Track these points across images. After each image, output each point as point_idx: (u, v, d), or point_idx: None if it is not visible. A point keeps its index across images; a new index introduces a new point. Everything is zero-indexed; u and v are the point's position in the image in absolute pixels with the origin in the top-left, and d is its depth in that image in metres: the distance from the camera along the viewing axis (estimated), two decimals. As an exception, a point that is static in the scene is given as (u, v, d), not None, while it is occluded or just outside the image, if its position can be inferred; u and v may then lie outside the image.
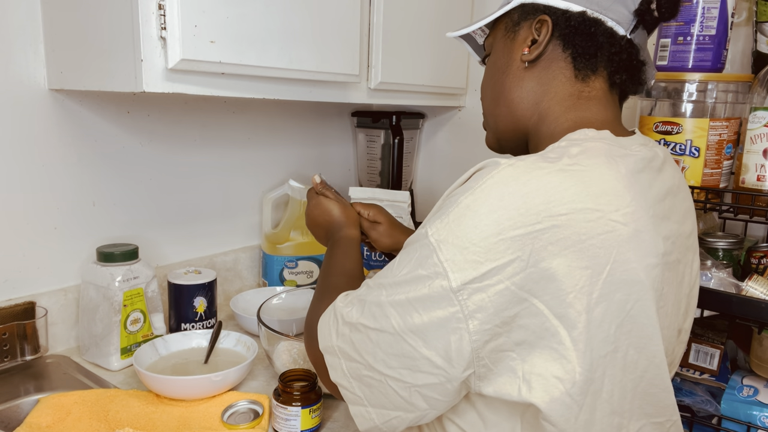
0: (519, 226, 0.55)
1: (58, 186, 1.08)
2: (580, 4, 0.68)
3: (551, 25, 0.69)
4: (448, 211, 0.59)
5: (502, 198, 0.56)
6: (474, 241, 0.56)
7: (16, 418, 0.93)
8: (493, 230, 0.55)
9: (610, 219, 0.57)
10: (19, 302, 1.04)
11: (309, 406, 0.86)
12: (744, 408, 0.99)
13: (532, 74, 0.72)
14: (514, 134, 0.76)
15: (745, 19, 1.13)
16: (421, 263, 0.59)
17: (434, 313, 0.58)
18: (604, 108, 0.70)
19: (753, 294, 0.92)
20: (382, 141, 1.64)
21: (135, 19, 0.81)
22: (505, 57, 0.74)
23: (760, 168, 0.94)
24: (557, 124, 0.69)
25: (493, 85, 0.76)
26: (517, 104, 0.73)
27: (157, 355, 1.03)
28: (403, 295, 0.60)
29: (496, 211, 0.56)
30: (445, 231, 0.58)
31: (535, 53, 0.70)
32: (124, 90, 0.86)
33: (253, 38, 0.94)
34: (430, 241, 0.58)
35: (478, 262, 0.56)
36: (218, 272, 1.29)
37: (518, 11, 0.72)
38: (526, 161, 0.59)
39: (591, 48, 0.68)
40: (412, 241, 0.62)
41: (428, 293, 0.58)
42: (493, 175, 0.58)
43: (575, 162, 0.59)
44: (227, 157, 1.38)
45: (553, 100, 0.70)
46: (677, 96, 0.99)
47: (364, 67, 1.22)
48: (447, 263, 0.57)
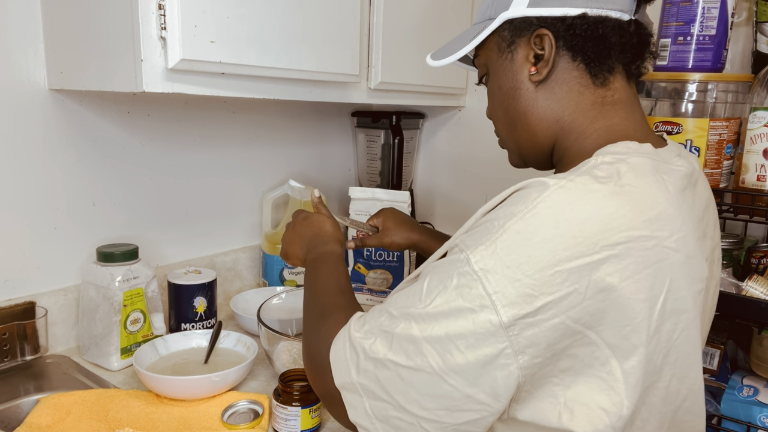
0: (576, 257, 0.52)
1: (58, 186, 1.08)
2: (576, 5, 0.63)
3: (552, 38, 0.64)
4: (494, 237, 0.54)
5: (557, 225, 0.52)
6: (528, 272, 0.52)
7: (16, 418, 0.93)
8: (549, 261, 0.52)
9: (665, 246, 0.55)
10: (19, 302, 1.04)
11: (309, 406, 0.86)
12: (744, 408, 0.99)
13: (546, 92, 0.66)
14: (539, 151, 0.71)
15: (745, 19, 1.13)
16: (462, 294, 0.54)
17: (480, 350, 0.53)
18: (631, 111, 0.67)
19: (753, 294, 0.92)
20: (382, 141, 1.64)
21: (135, 19, 0.81)
22: (509, 80, 0.68)
23: (760, 168, 0.94)
24: (586, 135, 0.65)
25: (504, 110, 0.70)
26: (536, 125, 0.68)
27: (157, 355, 1.03)
28: (441, 329, 0.54)
29: (551, 240, 0.52)
30: (493, 260, 0.53)
31: (544, 72, 0.65)
32: (124, 90, 0.86)
33: (253, 38, 0.94)
34: (474, 269, 0.53)
35: (531, 295, 0.52)
36: (218, 272, 1.28)
37: (507, 28, 0.67)
38: (576, 182, 0.55)
39: (603, 51, 0.64)
40: (443, 265, 0.57)
41: (473, 329, 0.53)
42: (544, 198, 0.53)
43: (627, 182, 0.56)
44: (227, 157, 1.38)
45: (575, 112, 0.66)
46: (677, 96, 0.99)
47: (364, 67, 1.22)
48: (496, 296, 0.52)
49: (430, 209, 1.78)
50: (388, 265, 1.39)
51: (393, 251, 1.23)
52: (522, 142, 0.71)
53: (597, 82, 0.65)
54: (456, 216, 1.72)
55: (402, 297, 0.59)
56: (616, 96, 0.66)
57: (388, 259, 1.39)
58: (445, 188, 1.74)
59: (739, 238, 1.06)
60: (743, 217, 1.02)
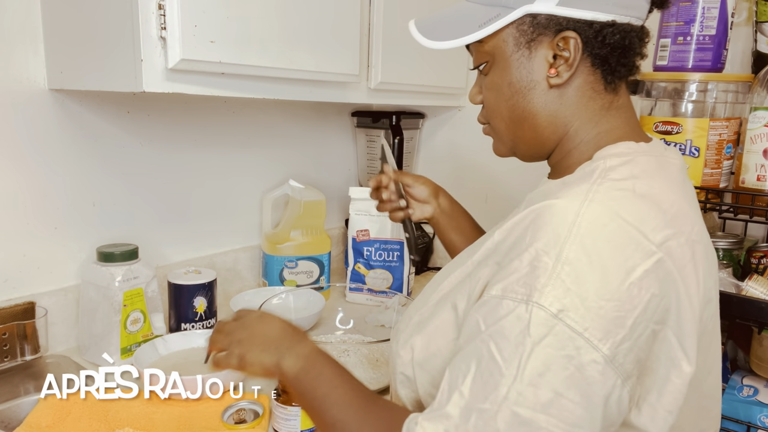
0: (639, 263, 0.51)
1: (58, 186, 1.08)
2: (606, 10, 0.60)
3: (580, 42, 0.60)
4: (555, 272, 0.51)
5: (611, 238, 0.51)
6: (606, 296, 0.50)
7: (16, 418, 0.93)
8: (620, 276, 0.50)
9: (691, 239, 0.56)
10: (19, 302, 1.04)
11: (309, 406, 0.85)
12: (744, 408, 0.99)
13: (559, 95, 0.64)
14: (538, 151, 0.69)
15: (745, 19, 1.13)
16: (551, 344, 0.50)
17: (595, 394, 0.50)
18: (631, 113, 0.67)
19: (753, 294, 0.92)
20: (382, 141, 1.64)
21: (135, 19, 0.81)
22: (523, 78, 0.64)
23: (760, 168, 0.94)
24: (589, 139, 0.65)
25: (511, 107, 0.66)
26: (545, 127, 0.66)
27: (157, 355, 1.03)
28: (548, 392, 0.49)
29: (612, 256, 0.51)
30: (568, 297, 0.50)
31: (565, 76, 0.62)
32: (124, 90, 0.86)
33: (253, 38, 0.94)
34: (551, 314, 0.50)
35: (621, 317, 0.50)
36: (218, 272, 1.28)
37: (529, 23, 0.62)
38: (602, 192, 0.54)
39: (626, 60, 0.63)
40: (507, 327, 0.52)
41: (580, 376, 0.49)
42: (582, 216, 0.52)
43: (644, 184, 0.56)
44: (227, 157, 1.38)
45: (584, 117, 0.64)
46: (677, 96, 0.99)
47: (364, 67, 1.22)
48: (588, 333, 0.49)
49: (430, 209, 1.77)
50: (388, 265, 1.39)
51: None
52: (524, 140, 0.68)
53: (609, 89, 0.64)
54: (456, 216, 1.72)
55: (477, 386, 0.52)
56: (621, 101, 0.66)
57: (388, 259, 1.39)
58: (445, 188, 1.74)
59: (739, 238, 1.06)
60: (743, 217, 1.02)
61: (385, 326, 1.21)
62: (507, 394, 0.50)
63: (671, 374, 0.54)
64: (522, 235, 0.56)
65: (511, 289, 0.53)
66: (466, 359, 0.54)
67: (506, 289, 0.53)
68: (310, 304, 1.25)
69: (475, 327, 0.55)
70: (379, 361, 1.00)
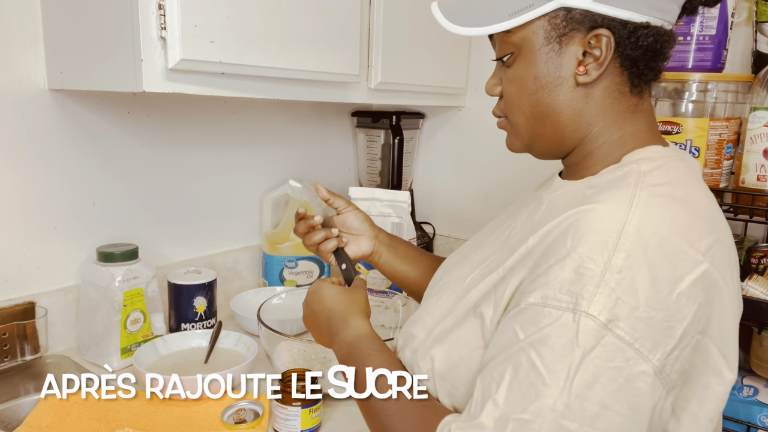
0: (688, 271, 0.50)
1: (58, 186, 1.08)
2: (642, 11, 0.58)
3: (613, 41, 0.59)
4: (605, 280, 0.49)
5: (660, 247, 0.50)
6: (656, 306, 0.49)
7: (16, 418, 0.93)
8: (669, 286, 0.49)
9: (726, 245, 0.56)
10: (19, 302, 1.04)
11: (309, 406, 0.85)
12: (744, 408, 0.99)
13: (585, 94, 0.62)
14: (558, 149, 0.67)
15: (745, 19, 1.13)
16: (600, 356, 0.48)
17: (642, 405, 0.49)
18: (652, 117, 0.66)
19: (753, 294, 0.92)
20: (382, 141, 1.64)
21: (135, 19, 0.81)
22: (551, 74, 0.62)
23: (760, 168, 0.94)
24: (612, 141, 0.64)
25: (534, 103, 0.64)
26: (567, 126, 0.64)
27: (157, 355, 1.03)
28: (594, 404, 0.48)
29: (663, 265, 0.50)
30: (618, 306, 0.49)
31: (594, 75, 0.60)
32: (124, 90, 0.86)
33: (253, 38, 0.94)
34: (601, 324, 0.48)
35: (670, 327, 0.49)
36: (218, 272, 1.28)
37: (562, 16, 0.60)
38: (643, 198, 0.53)
39: (655, 64, 0.62)
40: (551, 336, 0.50)
41: (629, 387, 0.48)
42: (627, 227, 0.51)
43: (682, 190, 0.56)
44: (227, 157, 1.38)
45: (608, 119, 0.63)
46: (677, 96, 0.99)
47: (364, 67, 1.22)
48: (638, 343, 0.48)
49: (430, 209, 1.78)
50: (388, 265, 1.39)
51: None
52: (543, 137, 0.66)
53: (634, 91, 0.63)
54: (456, 216, 1.72)
55: (514, 395, 0.50)
56: (645, 105, 0.65)
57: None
58: (445, 188, 1.74)
59: (739, 238, 1.06)
60: (743, 217, 1.02)
61: (385, 326, 1.21)
62: (553, 405, 0.48)
63: (712, 382, 0.54)
64: (560, 240, 0.54)
65: (553, 296, 0.51)
66: (500, 368, 0.53)
67: (548, 297, 0.52)
68: None
69: (512, 335, 0.53)
70: (379, 361, 1.00)
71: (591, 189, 0.60)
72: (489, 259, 0.66)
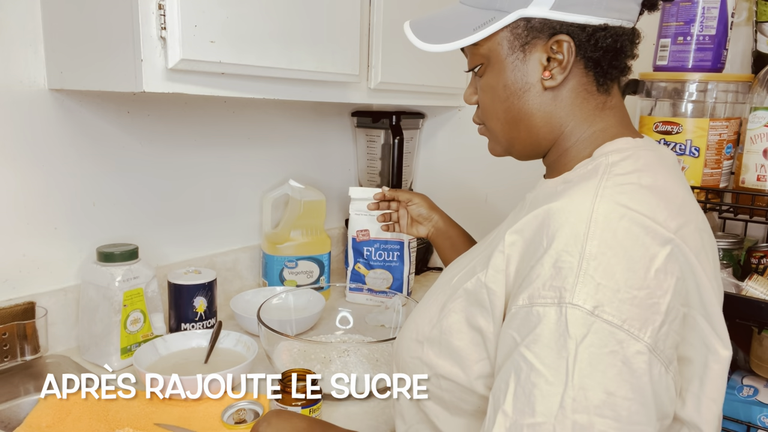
0: (660, 249, 0.52)
1: (58, 186, 1.08)
2: (598, 14, 0.61)
3: (573, 45, 0.62)
4: (582, 270, 0.51)
5: (629, 229, 0.52)
6: (636, 284, 0.50)
7: (16, 418, 0.93)
8: (645, 264, 0.51)
9: (698, 227, 0.58)
10: (19, 302, 1.04)
11: (309, 406, 0.85)
12: (744, 408, 0.99)
13: (554, 96, 0.65)
14: (534, 150, 0.70)
15: (745, 19, 1.13)
16: (593, 343, 0.49)
17: (644, 387, 0.50)
18: (624, 112, 0.69)
19: (753, 294, 0.92)
20: (382, 141, 1.64)
21: (135, 19, 0.81)
22: (518, 80, 0.65)
23: (760, 168, 0.94)
24: (585, 138, 0.66)
25: (506, 109, 0.67)
26: (540, 128, 0.67)
27: (157, 355, 1.03)
28: (599, 393, 0.49)
29: (635, 246, 0.51)
30: (600, 292, 0.50)
31: (559, 78, 0.63)
32: (124, 90, 0.86)
33: (253, 38, 0.94)
34: (588, 312, 0.49)
35: (656, 303, 0.50)
36: (218, 272, 1.29)
37: (523, 26, 0.63)
38: (608, 188, 0.55)
39: (617, 63, 0.64)
40: (544, 334, 0.51)
41: (628, 369, 0.49)
42: (595, 215, 0.53)
43: (648, 176, 0.58)
44: (227, 157, 1.38)
45: (579, 117, 0.66)
46: (677, 96, 0.99)
47: (364, 67, 1.22)
48: (627, 324, 0.49)
49: (430, 209, 1.77)
50: (388, 265, 1.39)
51: None
52: (519, 140, 0.70)
53: (601, 90, 0.66)
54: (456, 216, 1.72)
55: (520, 401, 0.50)
56: (614, 101, 0.67)
57: (388, 259, 1.39)
58: (445, 188, 1.74)
59: (739, 238, 1.06)
60: (743, 217, 1.02)
61: (385, 326, 1.21)
62: (561, 402, 0.49)
63: (709, 360, 0.55)
64: (536, 240, 0.56)
65: (538, 295, 0.52)
66: (504, 377, 0.53)
67: (533, 296, 0.53)
68: (310, 303, 1.25)
69: (510, 342, 0.54)
70: (379, 361, 1.00)
71: (564, 184, 0.62)
72: (477, 258, 0.68)
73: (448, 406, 0.66)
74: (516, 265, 0.58)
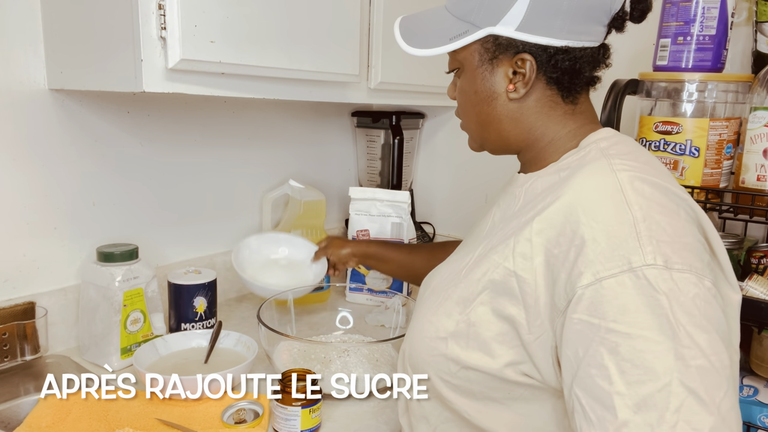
0: (679, 204, 0.59)
1: (58, 186, 1.08)
2: (560, 37, 0.65)
3: (534, 64, 0.67)
4: (639, 232, 0.54)
5: (654, 190, 0.58)
6: (683, 233, 0.56)
7: (16, 418, 0.93)
8: (676, 215, 0.57)
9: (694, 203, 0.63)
10: (19, 302, 1.04)
11: (309, 406, 0.85)
12: (744, 408, 0.99)
13: (520, 105, 0.71)
14: (505, 150, 0.77)
15: (745, 19, 1.13)
16: (682, 292, 0.52)
17: (722, 320, 0.54)
18: (593, 116, 0.74)
19: (753, 294, 0.91)
20: (382, 141, 1.64)
21: (135, 19, 0.81)
22: (486, 88, 0.71)
23: (760, 168, 0.94)
24: (559, 137, 0.71)
25: (477, 113, 0.74)
26: (509, 132, 0.73)
27: (157, 355, 1.03)
28: (704, 333, 0.51)
29: (664, 202, 0.57)
30: (661, 248, 0.53)
31: (522, 91, 0.69)
32: (124, 90, 0.86)
33: (253, 38, 0.94)
34: (664, 267, 0.52)
35: (698, 246, 0.56)
36: (218, 272, 1.28)
37: (492, 41, 0.68)
38: (617, 164, 0.61)
39: (577, 82, 0.69)
40: (622, 308, 0.52)
41: (711, 308, 0.53)
42: (622, 185, 0.58)
43: (642, 156, 0.64)
44: (227, 157, 1.38)
45: (547, 123, 0.71)
46: (677, 96, 0.99)
47: (364, 67, 1.22)
48: (693, 268, 0.53)
49: (430, 209, 1.78)
50: (388, 265, 1.39)
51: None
52: (491, 140, 0.76)
53: (567, 100, 0.70)
54: (456, 216, 1.72)
55: (630, 375, 0.50)
56: (583, 107, 0.72)
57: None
58: (445, 188, 1.74)
59: (739, 238, 1.06)
60: (743, 217, 1.02)
61: (385, 326, 1.21)
62: (678, 354, 0.49)
63: (724, 306, 0.58)
64: (570, 224, 0.58)
65: (603, 268, 0.53)
66: (596, 362, 0.52)
67: (598, 272, 0.53)
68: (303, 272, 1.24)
69: (584, 328, 0.54)
70: (379, 361, 1.00)
71: (563, 171, 0.66)
72: (489, 249, 0.68)
73: (478, 396, 0.67)
74: (545, 252, 0.59)
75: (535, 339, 0.60)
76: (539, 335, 0.60)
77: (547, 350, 0.60)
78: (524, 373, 0.62)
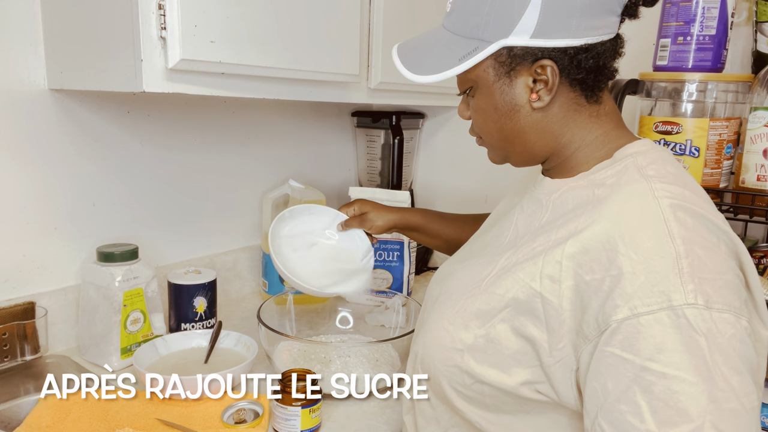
0: (719, 237, 0.57)
1: (58, 186, 1.08)
2: (578, 36, 0.63)
3: (557, 69, 0.64)
4: (681, 269, 0.53)
5: (697, 223, 0.56)
6: (723, 269, 0.54)
7: (16, 418, 0.93)
8: (717, 249, 0.55)
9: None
10: (19, 302, 1.04)
11: (309, 406, 0.85)
12: (744, 408, 0.99)
13: (544, 113, 0.67)
14: (532, 160, 0.73)
15: (745, 19, 1.13)
16: (720, 333, 0.51)
17: (752, 359, 0.53)
18: (618, 117, 0.71)
19: (753, 294, 0.91)
20: (382, 141, 1.64)
21: (135, 19, 0.81)
22: (507, 103, 0.67)
23: (760, 168, 0.94)
24: (586, 144, 0.68)
25: (500, 129, 0.70)
26: (534, 143, 0.69)
27: (157, 355, 1.03)
28: (737, 375, 0.51)
29: (706, 236, 0.55)
30: (702, 286, 0.52)
31: (546, 99, 0.65)
32: (124, 90, 0.86)
33: (253, 38, 0.94)
34: (703, 307, 0.51)
35: (736, 282, 0.54)
36: (218, 272, 1.29)
37: (506, 54, 0.65)
38: (658, 189, 0.58)
39: (603, 78, 0.67)
40: (669, 339, 0.51)
41: (745, 348, 0.52)
42: (666, 216, 0.56)
43: (681, 179, 0.61)
44: (227, 157, 1.38)
45: (573, 128, 0.68)
46: (677, 96, 0.99)
47: (364, 67, 1.22)
48: (731, 308, 0.52)
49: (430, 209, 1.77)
50: (388, 265, 1.39)
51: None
52: (516, 153, 0.72)
53: (591, 101, 0.68)
54: (456, 216, 1.72)
55: (662, 415, 0.50)
56: (607, 108, 0.69)
57: (388, 259, 1.39)
58: (445, 188, 1.74)
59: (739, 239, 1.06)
60: (743, 217, 1.02)
61: (385, 326, 1.21)
62: (711, 397, 0.49)
63: (760, 332, 0.58)
64: (609, 251, 0.56)
65: (642, 303, 0.52)
66: (625, 399, 0.52)
67: (636, 307, 0.53)
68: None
69: (616, 361, 0.53)
70: (379, 361, 1.00)
71: (598, 188, 0.63)
72: (512, 263, 0.66)
73: (490, 408, 0.66)
74: (575, 277, 0.58)
75: (556, 362, 0.59)
76: (560, 359, 0.59)
77: (566, 373, 0.59)
78: (539, 391, 0.62)
